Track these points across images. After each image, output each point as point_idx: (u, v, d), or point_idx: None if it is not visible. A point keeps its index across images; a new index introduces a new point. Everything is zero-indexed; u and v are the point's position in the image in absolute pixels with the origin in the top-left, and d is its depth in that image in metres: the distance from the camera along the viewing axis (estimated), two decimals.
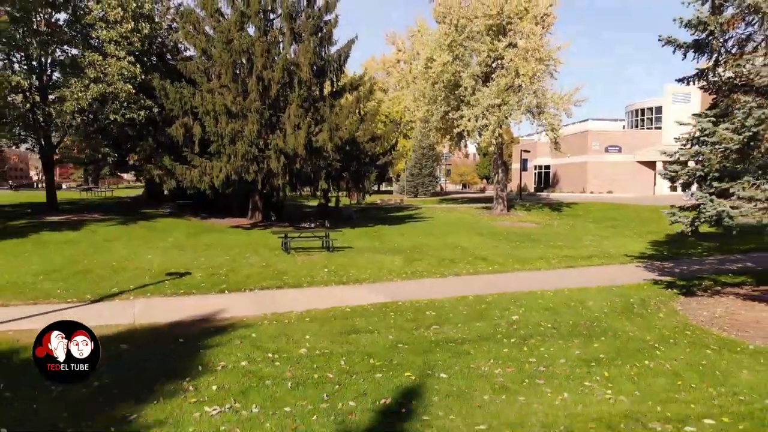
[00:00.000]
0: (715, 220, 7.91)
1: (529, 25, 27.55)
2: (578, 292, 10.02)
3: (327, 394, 5.11)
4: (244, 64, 20.24)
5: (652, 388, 5.55)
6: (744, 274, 11.90)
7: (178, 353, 6.30)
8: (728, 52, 8.95)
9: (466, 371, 5.78)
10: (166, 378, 5.48)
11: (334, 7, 22.83)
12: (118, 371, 5.69)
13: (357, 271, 12.11)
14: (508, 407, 4.94)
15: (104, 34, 18.92)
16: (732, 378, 5.99)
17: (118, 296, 9.21)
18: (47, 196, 22.50)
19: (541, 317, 8.15)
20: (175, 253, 14.51)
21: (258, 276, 11.27)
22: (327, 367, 5.89)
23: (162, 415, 4.70)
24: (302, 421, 4.57)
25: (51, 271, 11.21)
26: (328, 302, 9.00)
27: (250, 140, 19.24)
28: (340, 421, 4.58)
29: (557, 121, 28.35)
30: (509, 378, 5.64)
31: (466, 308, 8.71)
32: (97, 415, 4.72)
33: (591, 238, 19.76)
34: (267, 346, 6.61)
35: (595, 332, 7.46)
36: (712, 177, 8.27)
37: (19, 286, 9.83)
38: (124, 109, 18.89)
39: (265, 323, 7.66)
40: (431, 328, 7.48)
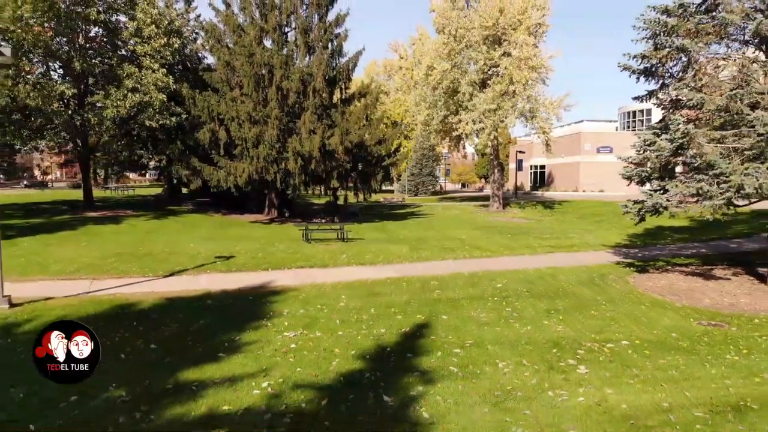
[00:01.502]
0: (653, 210, 10.23)
1: (523, 35, 29.85)
2: (553, 270, 12.35)
3: (364, 326, 7.44)
4: (264, 75, 22.50)
5: (592, 326, 7.86)
6: (695, 258, 14.23)
7: (252, 305, 8.62)
8: (672, 77, 11.25)
9: (460, 315, 8.10)
10: (250, 319, 7.80)
11: (344, 21, 25.12)
12: (213, 316, 8.01)
13: (371, 256, 14.40)
14: (488, 333, 7.26)
15: (140, 48, 21.19)
16: (654, 323, 8.29)
17: (184, 272, 11.52)
18: (84, 194, 24.79)
19: (519, 285, 10.48)
20: (211, 242, 16.79)
21: (290, 259, 13.57)
22: (361, 313, 8.21)
23: (255, 337, 7.01)
24: (351, 340, 6.89)
25: (117, 255, 13.51)
26: (352, 277, 11.31)
27: (270, 144, 21.54)
28: (376, 339, 6.90)
29: (548, 124, 30.65)
30: (490, 319, 7.96)
31: (462, 280, 11.03)
32: (210, 339, 7.02)
33: (576, 232, 22.06)
34: (314, 301, 8.93)
35: (559, 295, 9.78)
36: (653, 177, 10.59)
37: (99, 266, 12.12)
38: (158, 115, 21.16)
39: (307, 289, 9.97)
40: (435, 292, 9.81)
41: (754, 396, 5.38)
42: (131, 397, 5.05)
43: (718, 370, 6.17)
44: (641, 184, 11.79)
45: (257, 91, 22.42)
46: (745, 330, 7.92)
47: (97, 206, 25.20)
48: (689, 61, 10.09)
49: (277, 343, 6.75)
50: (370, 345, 6.67)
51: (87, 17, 20.61)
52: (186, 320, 7.76)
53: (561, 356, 6.39)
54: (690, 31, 10.09)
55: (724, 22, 9.67)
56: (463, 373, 5.75)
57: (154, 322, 7.61)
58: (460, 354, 6.38)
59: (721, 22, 9.71)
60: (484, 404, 4.98)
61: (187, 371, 5.70)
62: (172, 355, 6.27)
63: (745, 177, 9.13)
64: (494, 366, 6.01)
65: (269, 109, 21.79)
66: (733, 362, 6.46)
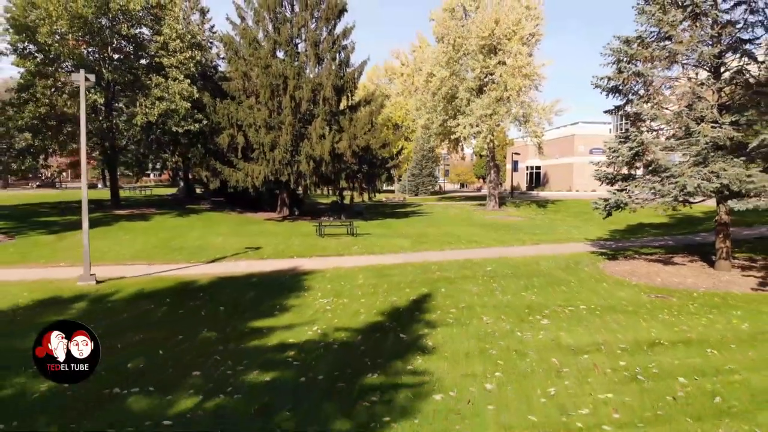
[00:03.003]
0: (616, 206, 12.33)
1: (517, 45, 31.95)
2: (536, 257, 14.44)
3: (381, 296, 9.54)
4: (279, 85, 24.55)
5: (559, 297, 9.94)
6: (661, 248, 16.33)
7: (288, 282, 10.71)
8: (634, 94, 13.34)
9: (455, 289, 10.20)
10: (290, 291, 9.89)
11: (350, 33, 27.21)
12: (260, 289, 10.10)
13: (379, 248, 16.48)
14: (477, 300, 9.35)
15: (166, 60, 23.24)
16: (610, 295, 10.37)
17: (223, 260, 13.60)
18: (111, 194, 26.88)
19: (505, 269, 12.58)
20: (236, 236, 18.85)
21: (309, 250, 15.65)
22: (376, 287, 10.30)
23: (298, 303, 9.10)
24: (372, 304, 8.98)
25: (157, 246, 15.58)
26: (365, 263, 13.39)
27: (285, 148, 23.62)
28: (390, 303, 9.00)
29: (540, 128, 32.76)
30: (479, 291, 10.06)
31: (457, 265, 13.12)
32: (263, 303, 9.10)
33: (564, 228, 24.16)
34: (337, 280, 11.02)
35: (537, 275, 11.87)
36: (618, 178, 12.69)
37: (147, 254, 14.20)
38: (182, 122, 23.22)
39: (330, 271, 12.06)
40: (435, 273, 11.91)
41: (666, 338, 7.46)
42: (221, 336, 7.14)
43: (649, 324, 8.25)
44: (610, 184, 13.90)
45: (272, 99, 24.49)
46: (682, 300, 9.99)
47: (122, 205, 27.24)
48: (645, 83, 12.18)
49: (316, 306, 8.83)
50: (386, 307, 8.76)
51: (119, 32, 22.68)
52: (239, 292, 9.86)
53: (531, 314, 8.48)
54: (646, 58, 12.19)
55: (673, 52, 11.76)
56: (457, 323, 7.84)
57: (214, 294, 9.70)
58: (454, 313, 8.47)
59: (671, 52, 11.80)
60: (471, 339, 7.06)
61: (255, 322, 7.79)
62: (238, 314, 8.35)
63: (689, 179, 11.23)
64: (480, 320, 8.10)
65: (284, 116, 23.87)
66: (663, 320, 8.54)
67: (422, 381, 5.48)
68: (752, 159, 11.92)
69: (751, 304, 9.60)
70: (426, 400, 5.00)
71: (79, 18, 21.45)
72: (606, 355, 6.65)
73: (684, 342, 7.26)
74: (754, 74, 12.03)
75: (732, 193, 11.60)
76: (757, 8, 12.35)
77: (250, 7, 26.59)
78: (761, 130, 11.37)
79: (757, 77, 12.06)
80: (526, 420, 4.64)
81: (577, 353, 6.66)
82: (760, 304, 9.62)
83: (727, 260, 12.73)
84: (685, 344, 7.15)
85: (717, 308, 9.29)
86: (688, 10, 11.94)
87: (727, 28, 12.03)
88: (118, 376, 5.59)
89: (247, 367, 5.86)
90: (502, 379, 5.61)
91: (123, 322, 7.86)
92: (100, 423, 4.51)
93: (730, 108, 12.36)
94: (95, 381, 5.48)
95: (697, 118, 12.09)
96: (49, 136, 23.17)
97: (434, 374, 5.69)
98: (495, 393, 5.23)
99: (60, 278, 10.91)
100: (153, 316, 8.32)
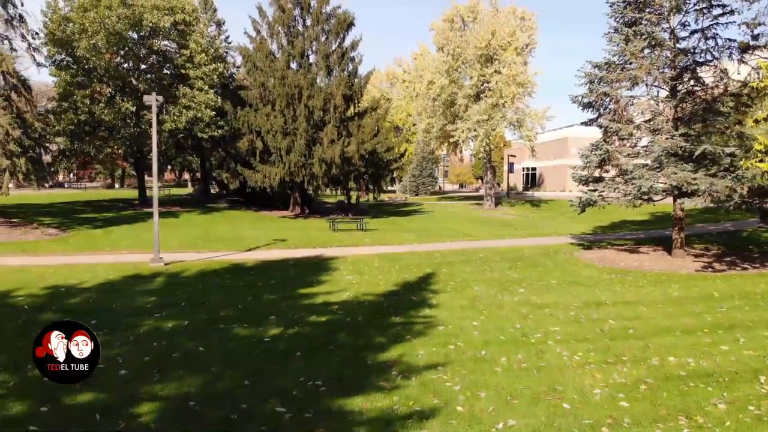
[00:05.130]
0: (587, 203, 14.83)
1: (511, 55, 34.48)
2: (522, 247, 16.95)
3: (394, 274, 12.03)
4: (294, 94, 27.04)
5: (536, 275, 12.43)
6: (632, 240, 18.83)
7: (318, 264, 13.21)
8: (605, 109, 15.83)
9: (453, 269, 12.70)
10: (321, 271, 12.38)
11: (357, 46, 29.72)
12: (297, 269, 12.58)
13: (387, 240, 18.96)
14: (470, 277, 11.85)
15: (192, 72, 25.72)
16: (578, 274, 12.85)
17: (258, 248, 16.08)
18: (139, 193, 29.41)
19: (495, 255, 15.08)
20: (261, 230, 21.33)
21: (327, 241, 18.14)
22: (390, 268, 12.80)
23: (329, 278, 11.58)
24: (388, 279, 11.47)
25: (198, 238, 18.04)
26: (377, 251, 15.87)
27: (299, 152, 26.11)
28: (403, 279, 11.50)
29: (533, 133, 35.30)
30: (473, 271, 12.57)
31: (456, 253, 15.61)
32: (303, 279, 11.58)
33: (553, 224, 26.66)
34: (357, 263, 13.51)
35: (521, 260, 14.37)
36: (590, 180, 15.20)
37: (192, 244, 16.65)
38: (207, 128, 25.71)
39: (349, 257, 14.55)
40: (437, 259, 14.41)
41: (611, 300, 9.95)
42: (280, 297, 9.62)
43: (602, 292, 10.74)
44: (585, 185, 16.39)
45: (288, 107, 26.98)
46: (635, 278, 12.46)
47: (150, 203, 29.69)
48: (611, 101, 14.69)
49: (344, 281, 11.32)
50: (400, 280, 11.26)
51: (150, 47, 25.16)
52: (282, 270, 12.36)
53: (511, 285, 10.98)
54: (613, 80, 14.69)
55: (634, 76, 14.28)
56: (454, 291, 10.33)
57: (263, 272, 12.19)
58: (452, 284, 10.96)
59: (632, 76, 14.31)
60: (464, 300, 9.56)
61: (301, 290, 10.29)
62: (287, 284, 10.84)
63: (645, 181, 13.73)
64: (471, 289, 10.59)
65: (298, 123, 26.37)
66: (614, 290, 11.03)
67: (429, 321, 7.97)
68: (703, 165, 14.42)
69: (689, 281, 12.10)
70: (432, 329, 7.49)
71: (115, 34, 23.88)
72: (561, 309, 9.14)
73: (623, 302, 9.77)
74: (700, 95, 14.55)
75: (682, 193, 14.11)
76: (710, 35, 14.87)
77: (264, 21, 29.11)
78: (705, 141, 13.89)
79: (704, 97, 14.59)
80: (499, 339, 7.13)
81: (541, 308, 9.15)
82: (696, 280, 12.13)
83: (681, 248, 15.23)
84: (624, 303, 9.66)
85: (661, 283, 11.80)
86: (647, 41, 14.44)
87: (678, 56, 14.54)
88: (219, 319, 8.06)
89: (306, 314, 8.35)
90: (485, 320, 8.11)
91: (202, 289, 10.33)
92: (222, 338, 6.99)
93: (683, 121, 14.87)
94: (207, 320, 7.99)
95: (654, 130, 14.60)
96: (87, 141, 25.63)
97: (438, 318, 8.18)
98: (479, 326, 7.73)
99: (132, 261, 13.38)
100: (222, 285, 10.80)
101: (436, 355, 6.29)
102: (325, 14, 28.66)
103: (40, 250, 15.29)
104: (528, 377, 5.63)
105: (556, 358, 6.31)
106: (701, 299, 10.06)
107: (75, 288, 10.22)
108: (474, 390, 5.17)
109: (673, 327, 7.90)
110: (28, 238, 17.57)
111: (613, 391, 5.28)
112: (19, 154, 18.20)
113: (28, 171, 18.50)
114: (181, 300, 9.30)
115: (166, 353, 6.36)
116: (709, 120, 14.36)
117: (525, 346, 6.77)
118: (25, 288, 10.06)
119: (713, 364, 6.20)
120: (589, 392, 5.24)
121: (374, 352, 6.41)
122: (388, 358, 6.18)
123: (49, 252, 14.96)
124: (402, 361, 6.05)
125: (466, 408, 4.76)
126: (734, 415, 4.80)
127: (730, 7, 14.21)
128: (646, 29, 14.15)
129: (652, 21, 14.53)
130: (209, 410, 4.73)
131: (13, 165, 17.99)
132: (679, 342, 7.12)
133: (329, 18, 28.94)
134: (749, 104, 14.30)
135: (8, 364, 5.89)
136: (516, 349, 6.65)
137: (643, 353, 6.58)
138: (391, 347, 6.60)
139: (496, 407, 4.80)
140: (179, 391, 5.14)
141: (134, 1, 23.89)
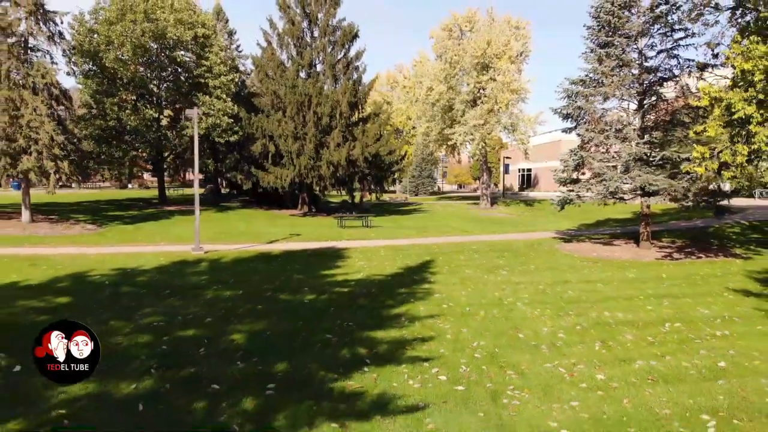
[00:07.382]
0: (566, 202, 17.10)
1: (506, 64, 36.75)
2: (511, 240, 19.22)
3: (399, 260, 14.29)
4: (303, 102, 29.29)
5: (519, 262, 14.68)
6: (608, 235, 21.10)
7: (334, 254, 15.47)
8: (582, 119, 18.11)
9: (449, 258, 14.97)
10: (337, 258, 14.62)
11: (362, 56, 32.00)
12: (315, 257, 14.84)
13: (391, 235, 21.22)
14: (463, 263, 14.12)
15: (211, 82, 27.97)
16: (556, 262, 15.10)
17: (277, 241, 18.32)
18: (159, 193, 31.63)
19: (486, 247, 17.35)
20: (275, 227, 23.55)
21: (337, 236, 20.39)
22: (394, 257, 15.05)
23: (344, 264, 13.83)
24: (393, 264, 13.72)
25: (221, 233, 20.27)
26: (382, 244, 18.13)
27: (309, 155, 28.37)
28: (406, 264, 13.76)
29: (526, 136, 37.62)
30: (465, 258, 14.83)
31: (451, 245, 17.88)
32: (321, 263, 13.82)
33: (543, 222, 28.93)
34: (366, 253, 15.76)
35: (508, 250, 16.64)
36: (568, 181, 17.49)
37: (218, 238, 18.88)
38: (224, 133, 27.97)
39: (358, 249, 16.80)
40: (435, 250, 16.69)
41: (576, 279, 12.21)
42: (307, 277, 11.87)
43: (571, 274, 12.99)
44: (564, 185, 18.66)
45: (298, 114, 29.23)
46: (602, 265, 14.70)
47: (169, 202, 31.96)
48: (586, 113, 16.98)
49: (357, 265, 13.58)
50: (403, 265, 13.53)
51: (174, 59, 27.41)
52: (303, 258, 14.61)
53: (496, 269, 13.25)
54: (587, 95, 16.97)
55: (603, 92, 16.56)
56: (449, 273, 12.59)
57: (287, 259, 14.44)
58: (447, 268, 13.23)
59: (603, 92, 16.59)
60: (457, 279, 11.82)
61: (322, 271, 12.54)
62: (310, 267, 13.09)
63: (613, 182, 16.01)
64: (463, 272, 12.85)
65: (308, 128, 28.62)
66: (581, 273, 13.28)
67: (428, 291, 10.25)
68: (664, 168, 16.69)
69: (647, 267, 14.37)
70: (430, 296, 9.77)
71: (140, 47, 26.11)
72: (534, 285, 11.42)
73: (585, 281, 12.04)
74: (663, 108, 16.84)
75: (646, 192, 16.39)
76: (674, 55, 17.15)
77: (274, 32, 31.38)
78: (666, 148, 16.18)
79: (667, 109, 16.89)
80: (480, 302, 9.41)
81: (518, 284, 11.42)
82: (653, 266, 14.40)
83: (647, 241, 17.52)
84: (585, 282, 11.94)
85: (623, 268, 14.07)
86: (616, 61, 16.71)
87: (644, 75, 16.82)
88: (264, 290, 10.31)
89: (330, 287, 10.62)
90: (471, 291, 10.39)
91: (241, 271, 12.57)
92: (272, 301, 9.25)
93: (648, 131, 17.16)
94: (255, 290, 10.24)
95: (623, 139, 16.89)
96: (114, 145, 27.86)
97: (434, 289, 10.45)
98: (466, 295, 10.00)
99: (174, 251, 15.62)
100: (257, 268, 13.04)
101: (433, 311, 8.55)
102: (331, 26, 30.95)
103: (86, 242, 17.53)
104: (498, 323, 7.90)
105: (521, 313, 8.59)
106: (650, 279, 12.34)
107: (138, 269, 12.47)
108: (459, 328, 7.44)
109: (618, 296, 10.19)
110: (72, 232, 19.79)
111: (556, 330, 7.55)
112: (62, 157, 20.41)
113: (71, 172, 20.69)
114: (228, 278, 11.55)
115: (233, 310, 8.61)
116: (669, 130, 16.66)
117: (499, 306, 9.04)
118: (97, 270, 12.30)
119: (636, 317, 8.47)
120: (539, 330, 7.51)
121: (387, 309, 8.67)
122: (398, 312, 8.45)
123: (95, 244, 17.19)
124: (408, 314, 8.32)
125: (452, 336, 7.02)
126: (636, 342, 7.06)
127: (691, 29, 16.54)
128: (615, 52, 16.44)
129: (622, 43, 16.83)
130: (278, 338, 6.99)
131: (57, 167, 20.20)
132: (617, 305, 9.40)
133: (335, 30, 31.20)
134: (705, 116, 16.60)
135: (122, 313, 8.15)
136: (492, 307, 8.92)
137: (586, 311, 8.86)
138: (400, 306, 8.86)
139: (473, 336, 7.07)
140: (254, 329, 7.39)
141: (158, 16, 26.12)
